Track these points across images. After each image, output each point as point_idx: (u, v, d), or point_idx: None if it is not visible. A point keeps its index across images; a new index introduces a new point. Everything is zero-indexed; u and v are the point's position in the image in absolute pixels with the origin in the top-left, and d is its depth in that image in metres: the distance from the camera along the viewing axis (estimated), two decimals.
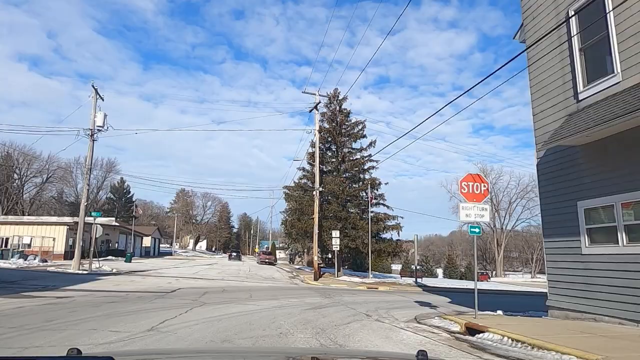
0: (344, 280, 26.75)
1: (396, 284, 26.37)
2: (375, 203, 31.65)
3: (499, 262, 70.58)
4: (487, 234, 74.73)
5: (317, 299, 14.27)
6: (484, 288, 28.23)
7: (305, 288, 19.84)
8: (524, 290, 30.55)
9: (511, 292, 27.56)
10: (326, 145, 33.45)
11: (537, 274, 76.30)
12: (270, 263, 47.67)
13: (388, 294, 19.55)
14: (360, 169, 31.76)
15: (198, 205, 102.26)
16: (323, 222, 30.11)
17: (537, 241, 75.28)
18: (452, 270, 49.82)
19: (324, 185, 30.39)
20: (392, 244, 30.48)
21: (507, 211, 70.72)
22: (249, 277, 25.07)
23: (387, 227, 30.80)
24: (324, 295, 15.61)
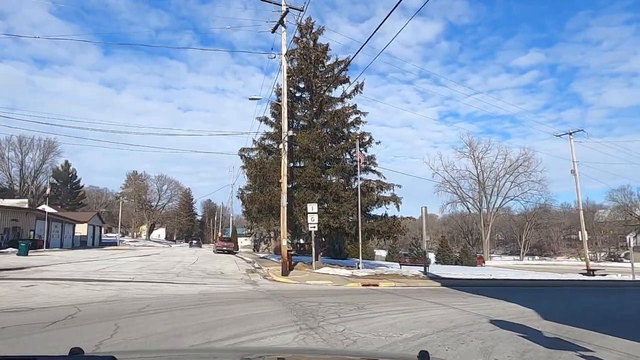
0: (326, 274, 18.65)
1: (400, 277, 18.53)
2: (364, 168, 23.59)
3: (486, 244, 64.76)
4: (473, 213, 68.75)
5: (288, 335, 5.94)
6: (506, 278, 20.84)
7: (265, 294, 11.52)
8: (556, 277, 23.48)
9: (552, 282, 20.36)
10: (297, 93, 24.98)
11: (526, 256, 71.34)
12: (230, 252, 39.13)
13: (405, 297, 11.55)
14: (344, 122, 23.51)
15: (152, 190, 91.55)
16: (294, 193, 21.79)
17: (526, 221, 70.12)
18: (446, 255, 42.95)
19: (295, 141, 21.97)
20: (388, 222, 22.59)
21: (494, 188, 64.70)
22: (182, 275, 16.52)
23: (381, 200, 22.86)
24: (302, 317, 7.36)
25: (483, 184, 65.07)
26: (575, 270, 34.34)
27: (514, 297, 11.69)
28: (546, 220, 73.12)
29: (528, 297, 12.58)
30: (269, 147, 24.23)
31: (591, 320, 8.11)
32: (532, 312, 8.79)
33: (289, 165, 22.20)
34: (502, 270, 30.35)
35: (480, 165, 65.18)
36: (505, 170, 63.41)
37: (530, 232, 71.18)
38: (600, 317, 9.06)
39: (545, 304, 10.77)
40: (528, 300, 11.00)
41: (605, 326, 7.27)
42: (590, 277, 25.84)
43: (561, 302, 12.20)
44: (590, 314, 9.34)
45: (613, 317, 9.22)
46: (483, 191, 65.07)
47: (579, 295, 14.94)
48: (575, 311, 9.71)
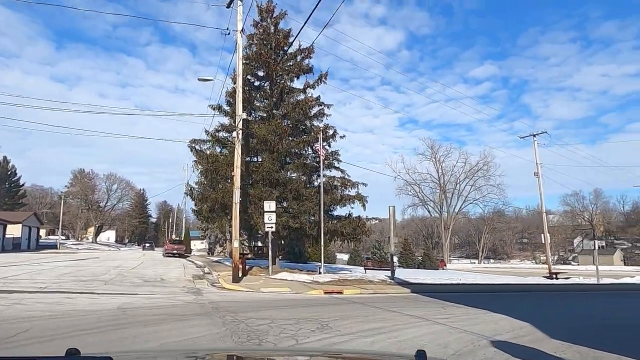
0: (284, 280, 16.64)
1: (366, 282, 16.83)
2: (327, 164, 21.82)
3: (446, 248, 64.93)
4: (433, 217, 68.92)
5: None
6: (475, 282, 19.74)
7: (206, 307, 9.35)
8: (524, 282, 22.64)
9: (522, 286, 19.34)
10: (256, 82, 22.86)
11: (484, 259, 72.35)
12: (180, 255, 36.15)
13: (376, 308, 9.75)
14: (306, 114, 21.61)
15: (101, 189, 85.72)
16: (250, 190, 19.63)
17: (485, 225, 71.11)
18: (408, 258, 41.98)
19: (252, 132, 19.87)
20: (353, 223, 20.90)
21: (455, 192, 65.07)
22: (112, 282, 13.96)
23: (345, 198, 21.13)
24: (246, 345, 5.34)
25: (444, 188, 65.31)
26: (535, 273, 34.23)
27: (496, 306, 10.21)
28: (503, 224, 74.63)
29: (511, 306, 11.18)
30: (223, 139, 21.89)
31: (609, 338, 6.64)
32: (532, 328, 7.23)
33: (245, 159, 20.07)
34: (466, 274, 29.52)
35: (442, 169, 65.50)
36: (466, 174, 64.01)
37: (487, 236, 72.33)
38: (613, 331, 7.65)
39: (536, 314, 9.35)
40: (515, 310, 9.53)
41: (636, 346, 5.78)
42: (554, 280, 25.35)
43: (552, 311, 10.88)
44: (599, 328, 7.92)
45: (630, 330, 7.85)
46: (444, 194, 65.32)
47: (560, 301, 13.80)
48: (578, 324, 8.29)
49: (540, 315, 9.16)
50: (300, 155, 21.58)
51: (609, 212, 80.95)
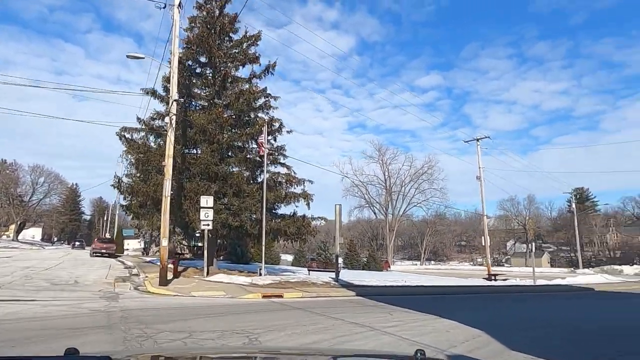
0: (220, 282, 15.20)
1: (309, 285, 15.80)
2: (272, 159, 20.63)
3: (390, 249, 65.74)
4: (379, 219, 69.62)
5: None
6: (420, 284, 19.44)
7: (114, 317, 7.81)
8: (466, 283, 22.74)
9: (465, 288, 19.23)
10: (197, 69, 21.14)
11: (426, 261, 74.17)
12: (110, 255, 33.16)
13: (317, 315, 8.72)
14: (250, 104, 20.22)
15: (25, 182, 78.18)
16: (185, 184, 17.96)
17: (427, 227, 72.93)
18: (354, 260, 41.61)
19: (190, 120, 18.22)
20: (297, 222, 19.81)
21: (400, 194, 66.10)
22: (10, 286, 11.85)
23: (290, 196, 20.00)
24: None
25: (390, 190, 66.14)
26: (475, 274, 35.11)
27: (445, 311, 9.57)
28: (444, 227, 77.06)
29: (460, 310, 10.63)
30: (158, 128, 19.97)
31: (568, 347, 6.04)
32: (487, 337, 6.52)
33: (181, 150, 18.38)
34: (411, 276, 29.47)
35: (388, 172, 66.29)
36: (411, 177, 65.21)
37: (429, 238, 74.30)
38: (570, 337, 7.13)
39: (487, 319, 8.77)
40: (465, 315, 8.91)
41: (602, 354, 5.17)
42: (494, 282, 25.84)
43: (502, 316, 10.43)
44: (564, 336, 7.39)
45: (586, 336, 7.38)
46: (389, 197, 66.14)
47: (507, 304, 13.59)
48: (533, 331, 7.74)
49: (492, 321, 8.59)
50: (243, 148, 20.19)
51: (539, 217, 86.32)
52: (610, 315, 11.57)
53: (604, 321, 9.67)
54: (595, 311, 12.59)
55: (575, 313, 11.74)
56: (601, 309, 13.35)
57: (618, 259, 63.89)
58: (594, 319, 10.28)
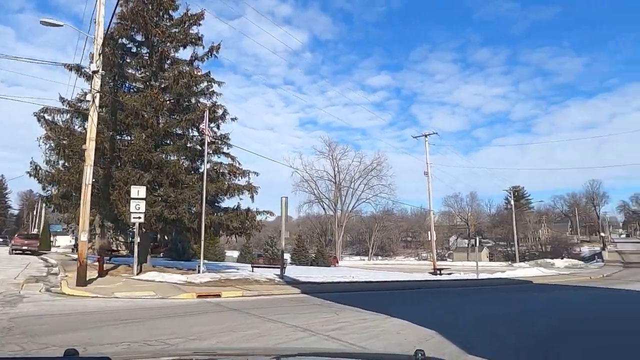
0: (151, 281, 13.74)
1: (251, 282, 14.71)
2: (215, 148, 19.27)
3: (339, 245, 65.78)
4: (328, 214, 69.43)
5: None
6: (368, 280, 19.02)
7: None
8: (413, 278, 22.63)
9: (413, 283, 18.99)
10: (132, 48, 19.22)
11: (373, 256, 75.08)
12: (33, 252, 30.00)
13: (255, 317, 7.73)
14: (190, 88, 18.66)
15: None
16: (115, 172, 16.18)
17: (375, 223, 73.74)
18: (302, 255, 40.82)
19: (122, 103, 16.42)
20: (241, 216, 18.61)
21: (349, 190, 66.27)
22: None
23: (233, 188, 18.74)
24: None
25: (339, 186, 66.12)
26: (421, 269, 35.60)
27: (394, 308, 8.95)
28: (391, 223, 78.42)
29: (410, 307, 10.10)
30: (85, 111, 17.89)
31: (530, 348, 5.51)
32: (441, 338, 5.88)
33: (110, 135, 16.56)
34: (358, 271, 29.16)
35: (338, 167, 66.21)
36: (360, 173, 65.55)
37: (377, 234, 75.30)
38: (530, 335, 6.67)
39: (439, 317, 8.23)
40: (415, 313, 8.32)
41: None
42: (439, 276, 26.09)
43: (454, 312, 9.99)
44: (510, 333, 6.90)
45: (541, 333, 6.94)
46: (339, 192, 66.13)
47: (456, 299, 13.34)
48: (488, 329, 7.24)
49: (444, 319, 8.05)
50: (182, 136, 18.64)
51: (480, 214, 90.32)
52: (560, 307, 11.57)
53: (556, 315, 9.48)
54: (543, 305, 12.61)
55: (525, 307, 11.64)
56: (549, 302, 13.45)
57: (549, 253, 68.01)
58: (546, 313, 10.12)
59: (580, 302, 13.85)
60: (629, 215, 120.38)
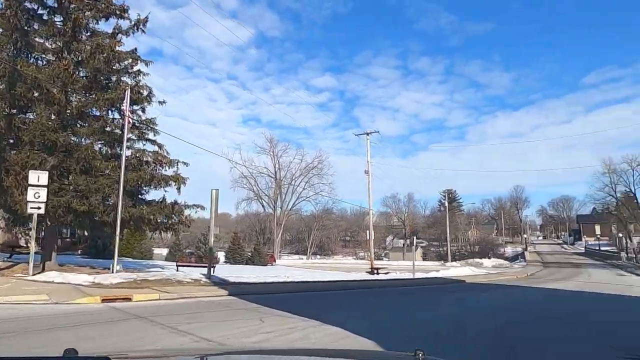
0: (49, 282, 11.70)
1: (172, 284, 13.10)
2: (138, 134, 17.32)
3: (277, 244, 64.46)
4: (267, 212, 67.85)
5: None
6: (304, 280, 18.14)
7: None
8: (350, 278, 22.02)
9: (350, 283, 18.28)
10: (44, 15, 16.67)
11: (312, 255, 74.60)
12: None
13: (162, 327, 6.39)
14: (111, 65, 16.50)
15: None
16: (11, 154, 13.79)
17: (315, 222, 73.31)
18: (237, 254, 39.00)
19: (23, 74, 14.01)
20: (166, 209, 16.80)
21: (290, 187, 65.18)
22: None
23: (158, 179, 16.88)
24: None
25: (280, 183, 64.74)
26: (359, 268, 35.39)
27: (329, 313, 8.01)
28: (331, 222, 78.48)
29: (346, 310, 9.20)
30: None
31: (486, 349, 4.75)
32: (382, 351, 4.94)
33: (6, 111, 14.11)
34: (295, 270, 28.17)
35: (279, 164, 64.84)
36: (301, 171, 64.65)
37: (317, 233, 74.96)
38: (485, 343, 5.95)
39: (378, 322, 7.37)
40: (353, 319, 7.44)
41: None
42: (376, 275, 25.82)
43: (394, 317, 9.20)
44: (464, 343, 6.15)
45: (484, 341, 6.26)
46: (279, 190, 64.73)
47: (395, 299, 12.68)
48: (438, 337, 6.46)
49: (384, 325, 7.22)
50: (100, 117, 16.44)
51: (416, 215, 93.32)
52: (499, 306, 11.29)
53: (499, 315, 9.05)
54: (483, 304, 12.34)
55: (466, 307, 11.24)
56: (487, 301, 13.25)
57: (477, 253, 71.49)
58: (488, 312, 9.70)
59: (518, 301, 13.86)
60: (546, 218, 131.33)
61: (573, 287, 19.99)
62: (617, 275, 31.95)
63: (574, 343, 6.29)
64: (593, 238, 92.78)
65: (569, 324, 8.32)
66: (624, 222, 64.50)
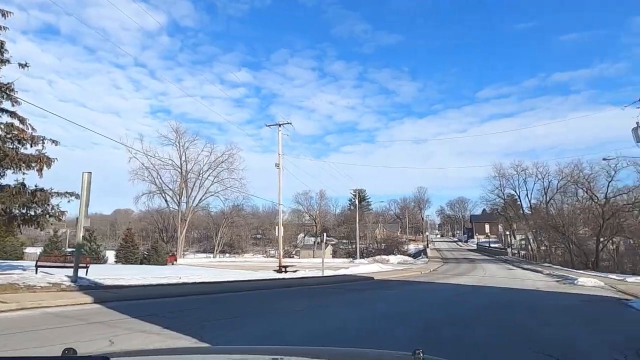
0: None
1: (19, 289, 10.19)
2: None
3: (181, 241, 60.00)
4: (172, 208, 62.92)
5: None
6: (201, 281, 16.09)
7: None
8: (255, 277, 20.23)
9: (252, 283, 16.44)
10: None
11: (221, 253, 71.08)
12: None
13: None
14: None
15: None
16: None
17: (224, 219, 69.90)
18: (130, 253, 34.76)
19: None
20: (24, 197, 13.48)
21: (197, 182, 61.09)
22: None
23: (19, 160, 13.50)
24: None
25: (185, 177, 60.35)
26: (267, 267, 33.71)
27: (214, 326, 6.28)
28: (241, 219, 75.63)
29: (240, 318, 7.49)
30: None
31: None
32: None
33: None
34: (195, 270, 25.59)
35: (185, 156, 60.38)
36: (210, 164, 60.90)
37: (225, 230, 71.63)
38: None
39: (278, 337, 5.78)
40: (240, 331, 5.74)
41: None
42: (284, 274, 24.41)
43: (296, 327, 7.66)
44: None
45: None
46: (185, 184, 60.28)
47: (300, 302, 11.20)
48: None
49: (284, 340, 5.63)
50: None
51: (327, 213, 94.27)
52: (411, 308, 10.41)
53: (414, 320, 8.01)
54: (393, 305, 11.43)
55: (377, 308, 10.16)
56: (399, 302, 12.42)
57: (384, 250, 74.08)
58: (404, 314, 8.65)
59: (429, 300, 13.32)
60: (444, 218, 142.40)
61: (476, 282, 20.53)
62: (507, 269, 34.50)
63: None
64: (484, 236, 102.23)
65: (496, 321, 7.55)
66: (509, 221, 71.56)
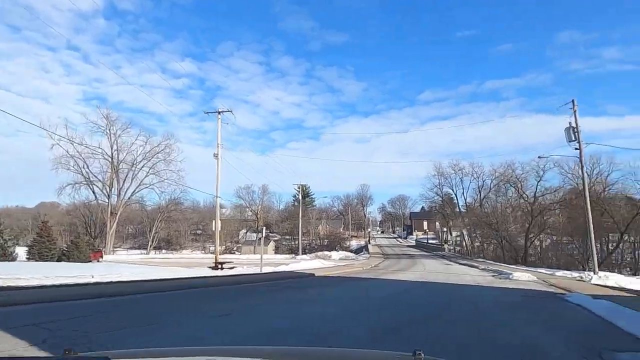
0: None
1: None
2: None
3: (111, 237, 55.74)
4: (102, 201, 58.23)
5: None
6: (119, 280, 14.30)
7: None
8: (187, 275, 18.51)
9: (183, 281, 14.79)
10: None
11: (157, 250, 67.10)
12: None
13: None
14: None
15: None
16: None
17: (159, 213, 65.95)
18: (46, 248, 31.16)
19: None
20: None
21: (130, 173, 57.03)
22: None
23: None
24: None
25: (117, 167, 56.02)
26: (203, 263, 31.76)
27: (104, 339, 4.86)
28: (179, 214, 71.99)
29: (147, 323, 6.09)
30: None
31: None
32: None
33: None
34: (121, 267, 23.22)
35: (117, 145, 56.05)
36: (145, 155, 57.05)
37: (161, 225, 67.76)
38: None
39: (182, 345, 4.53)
40: (138, 337, 4.42)
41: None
42: (220, 271, 22.84)
43: (214, 337, 6.39)
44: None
45: None
46: (116, 175, 55.99)
47: (226, 306, 9.90)
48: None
49: None
50: None
51: (270, 209, 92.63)
52: (355, 309, 9.50)
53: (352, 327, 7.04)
54: (336, 307, 10.49)
55: (315, 310, 9.14)
56: (339, 303, 11.49)
57: (326, 246, 74.03)
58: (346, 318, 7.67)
59: (374, 296, 12.56)
60: (385, 215, 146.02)
61: (418, 277, 20.29)
62: (445, 265, 35.22)
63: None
64: (422, 232, 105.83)
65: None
66: (446, 218, 74.37)
